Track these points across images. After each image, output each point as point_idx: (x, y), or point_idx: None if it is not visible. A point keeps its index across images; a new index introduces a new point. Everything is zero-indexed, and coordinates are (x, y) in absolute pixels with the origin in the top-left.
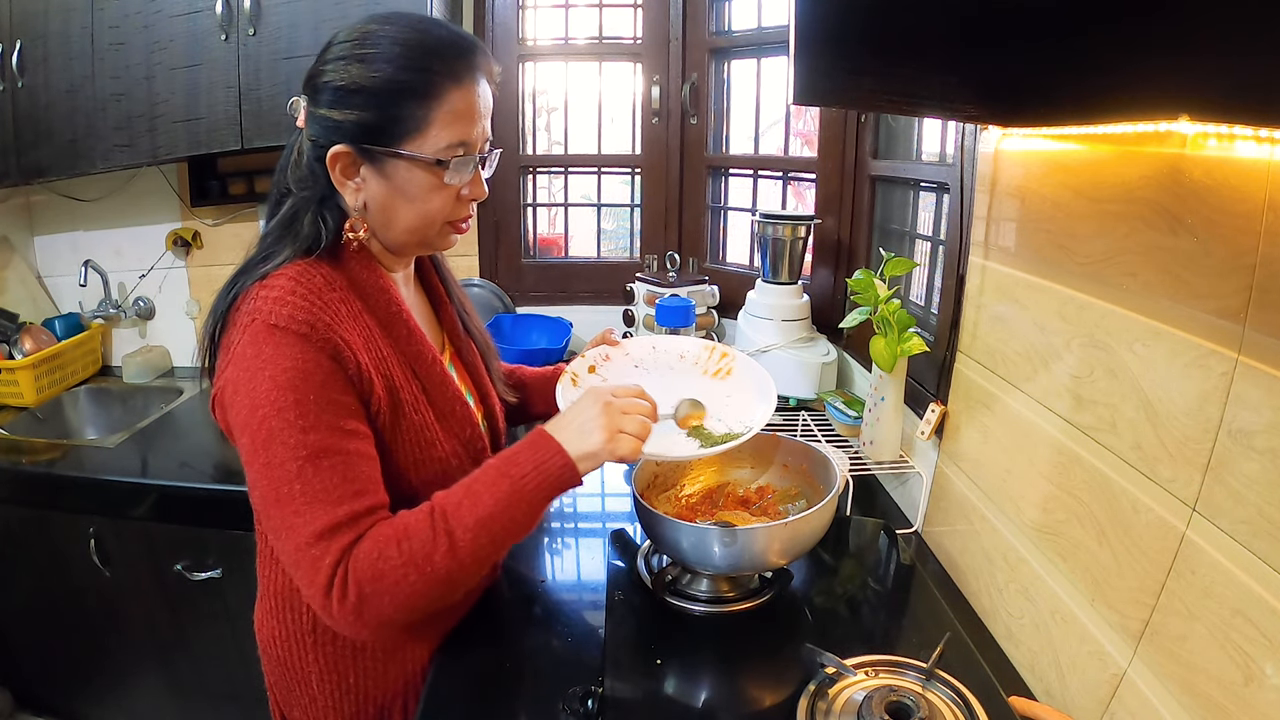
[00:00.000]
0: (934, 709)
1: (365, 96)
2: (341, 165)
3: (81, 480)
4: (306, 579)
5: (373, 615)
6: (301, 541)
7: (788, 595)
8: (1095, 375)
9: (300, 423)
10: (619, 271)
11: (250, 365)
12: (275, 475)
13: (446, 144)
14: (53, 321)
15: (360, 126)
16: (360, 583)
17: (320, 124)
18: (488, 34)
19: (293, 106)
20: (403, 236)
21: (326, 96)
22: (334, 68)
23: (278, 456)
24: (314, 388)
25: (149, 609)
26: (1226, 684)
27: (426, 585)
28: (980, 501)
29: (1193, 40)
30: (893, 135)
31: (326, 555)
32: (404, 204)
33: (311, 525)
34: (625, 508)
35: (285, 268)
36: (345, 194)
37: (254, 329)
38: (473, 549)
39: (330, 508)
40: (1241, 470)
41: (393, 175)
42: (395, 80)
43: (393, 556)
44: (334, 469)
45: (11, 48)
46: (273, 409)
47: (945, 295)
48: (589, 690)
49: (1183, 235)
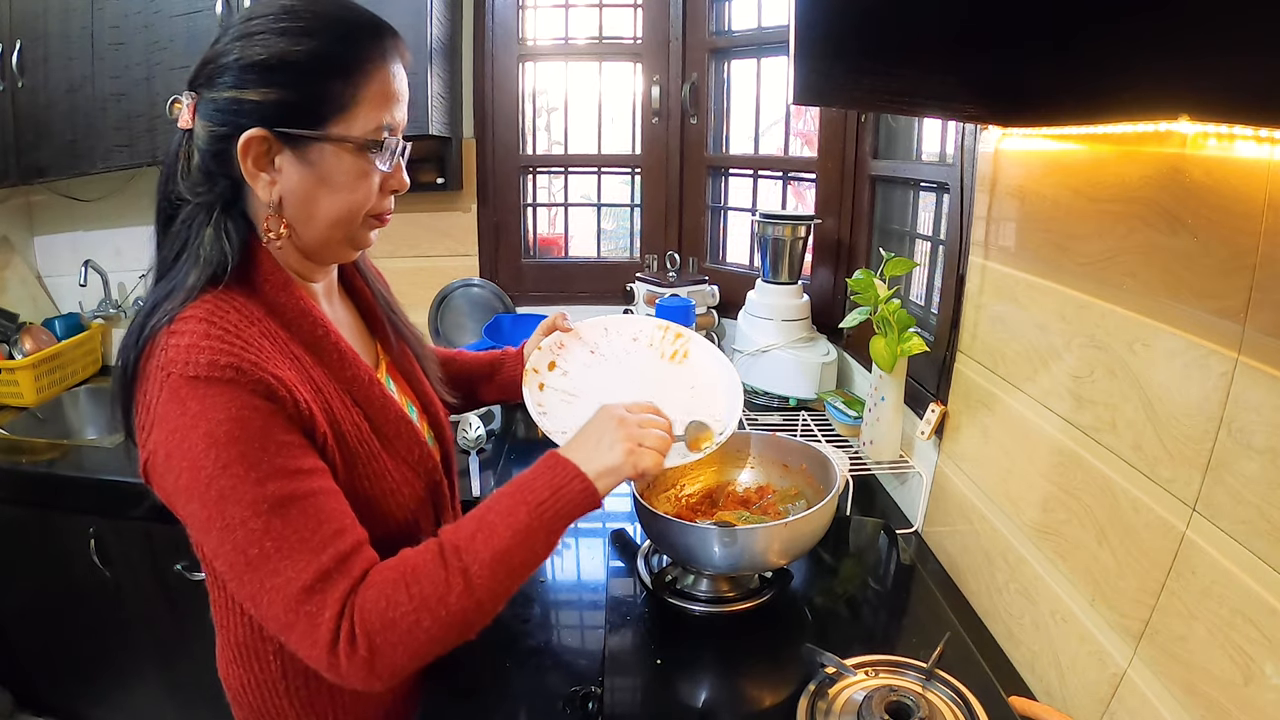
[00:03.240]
0: (934, 709)
1: (287, 73)
2: (255, 154)
3: (81, 480)
4: (305, 639)
5: (386, 667)
6: (291, 601)
7: (788, 595)
8: (1095, 375)
9: (252, 475)
10: (619, 271)
11: (178, 426)
12: (240, 538)
13: (375, 125)
14: (53, 321)
15: (280, 107)
16: (370, 634)
17: (224, 111)
18: (488, 34)
19: (172, 107)
20: (325, 232)
21: (233, 76)
22: (244, 44)
23: (236, 517)
24: (255, 434)
25: (149, 609)
26: (1226, 684)
27: (443, 630)
28: (980, 501)
29: (1193, 40)
30: (893, 135)
31: (325, 609)
32: (328, 194)
33: (298, 580)
34: (625, 508)
35: (192, 306)
36: (258, 188)
37: (171, 384)
38: (490, 586)
39: (312, 556)
40: (1241, 470)
41: (317, 162)
42: (321, 54)
43: (403, 602)
44: (303, 514)
45: (11, 48)
46: (217, 467)
47: (945, 295)
48: (589, 690)
49: (1183, 235)
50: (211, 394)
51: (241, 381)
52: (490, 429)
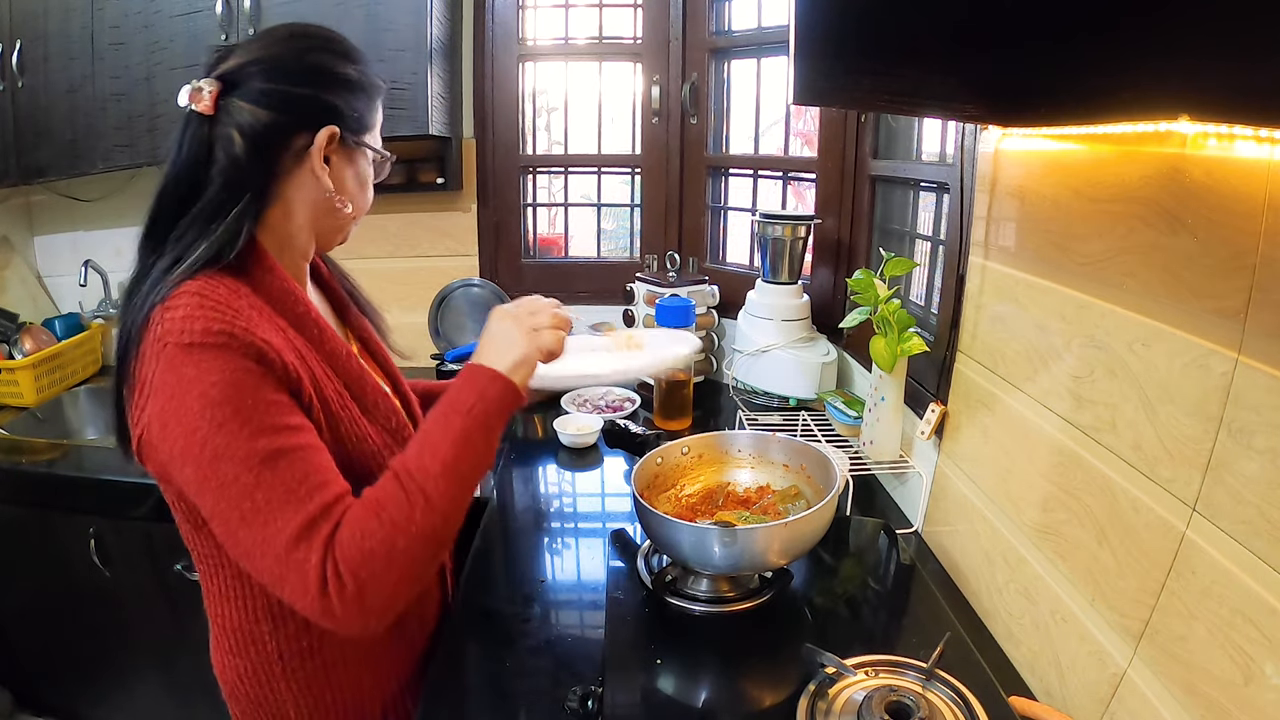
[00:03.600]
0: (934, 709)
1: (344, 86)
2: (328, 147)
3: (81, 480)
4: (297, 588)
5: (375, 599)
6: (281, 550)
7: (788, 595)
8: (1095, 375)
9: (244, 432)
10: (619, 271)
11: (173, 392)
12: (233, 493)
13: (381, 142)
14: (53, 321)
15: (340, 112)
16: (354, 569)
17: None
18: (488, 34)
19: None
20: (345, 222)
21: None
22: (302, 53)
23: (230, 473)
24: (248, 394)
25: (149, 609)
26: (1226, 684)
27: (416, 547)
28: (980, 501)
29: (1193, 40)
30: (893, 135)
31: (311, 554)
32: (359, 191)
33: (286, 530)
34: (625, 508)
35: (186, 285)
36: (321, 176)
37: (167, 354)
38: (448, 496)
39: (299, 506)
40: (1241, 470)
41: (358, 162)
42: (364, 78)
43: (374, 532)
44: (291, 468)
45: (11, 48)
46: (212, 427)
47: (945, 295)
48: (589, 690)
49: (1183, 235)
50: (206, 359)
51: (234, 346)
52: None
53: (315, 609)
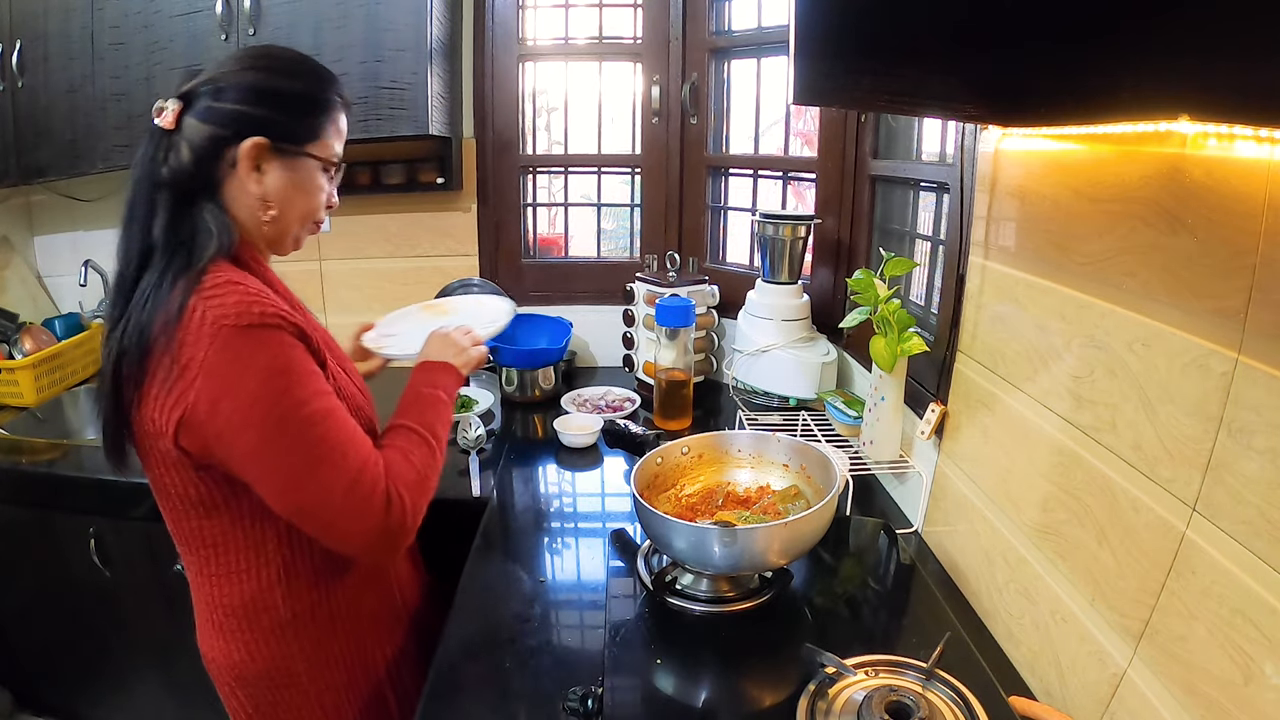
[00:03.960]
0: (934, 709)
1: (283, 100)
2: (254, 155)
3: (81, 480)
4: (363, 511)
5: (416, 517)
6: (349, 481)
7: (788, 595)
8: (1095, 375)
9: (302, 396)
10: (619, 271)
11: (229, 371)
12: (302, 449)
13: (333, 151)
14: (53, 321)
15: (273, 123)
16: (409, 490)
17: (227, 118)
18: (488, 34)
19: (161, 109)
20: (290, 226)
21: (237, 94)
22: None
23: (296, 434)
24: (298, 365)
25: (149, 609)
26: (1226, 684)
27: (434, 478)
28: (980, 501)
29: (1192, 40)
30: (893, 135)
31: (378, 481)
32: (301, 196)
33: (353, 463)
34: (625, 508)
35: (214, 273)
36: (249, 183)
37: (224, 335)
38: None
39: (357, 447)
40: (1241, 470)
41: (297, 169)
42: (309, 92)
43: (417, 464)
44: (339, 422)
45: (11, 48)
46: (274, 398)
47: (945, 295)
48: (589, 690)
49: (1183, 235)
50: (264, 337)
51: (285, 327)
52: (490, 429)
53: (375, 527)
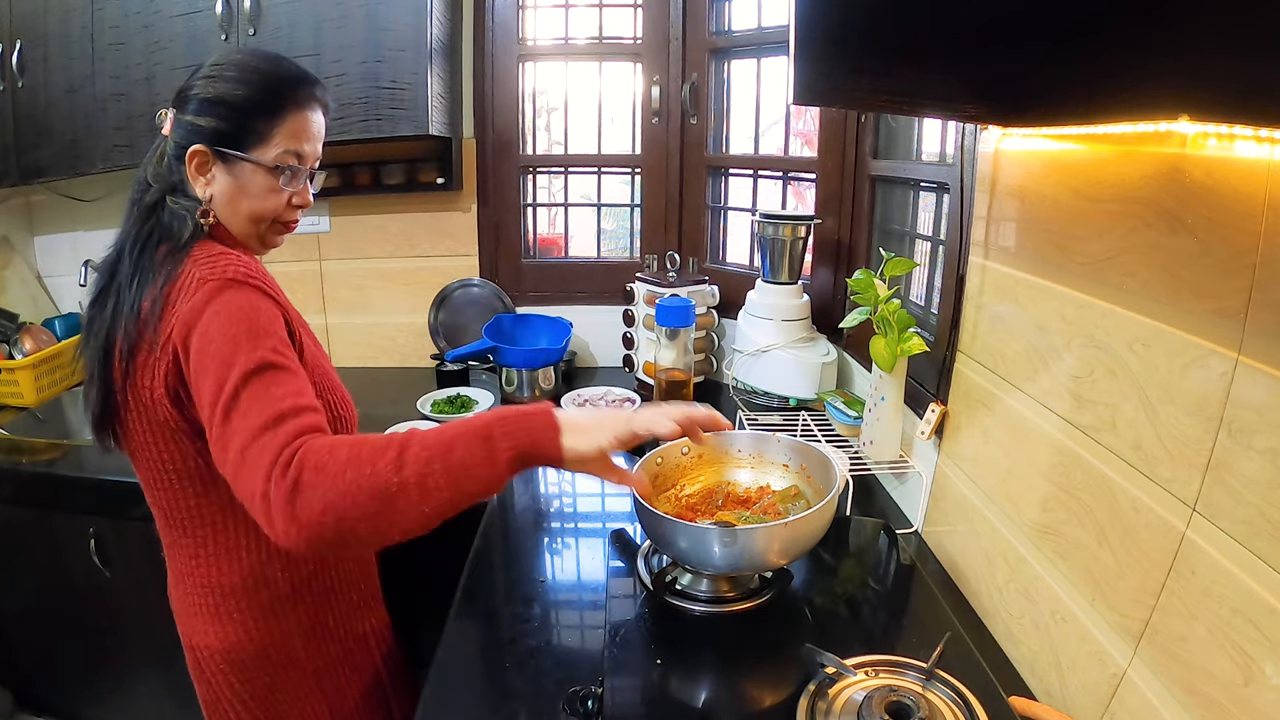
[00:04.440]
0: (934, 709)
1: (225, 108)
2: (197, 162)
3: (81, 480)
4: (253, 469)
5: (304, 508)
6: (249, 436)
7: (788, 595)
8: (1095, 375)
9: (249, 344)
10: (619, 271)
11: (203, 311)
12: (228, 389)
13: (283, 151)
14: (53, 321)
15: (216, 132)
16: (302, 469)
17: (185, 128)
18: (488, 34)
19: (160, 117)
20: (244, 225)
21: (194, 105)
22: (203, 84)
23: (227, 377)
24: (263, 320)
25: (149, 609)
26: (1226, 684)
27: (360, 492)
28: (980, 501)
29: (1193, 40)
30: (893, 135)
31: (274, 439)
32: (245, 199)
33: (261, 417)
34: (625, 508)
35: (207, 246)
36: (196, 186)
37: (209, 286)
38: (419, 468)
39: (276, 404)
40: (1241, 470)
41: (238, 174)
42: (251, 99)
43: (341, 454)
44: (278, 379)
45: (11, 48)
46: (224, 338)
47: (945, 295)
48: (589, 690)
49: (1183, 235)
50: (240, 291)
51: (267, 293)
52: None
53: (257, 491)
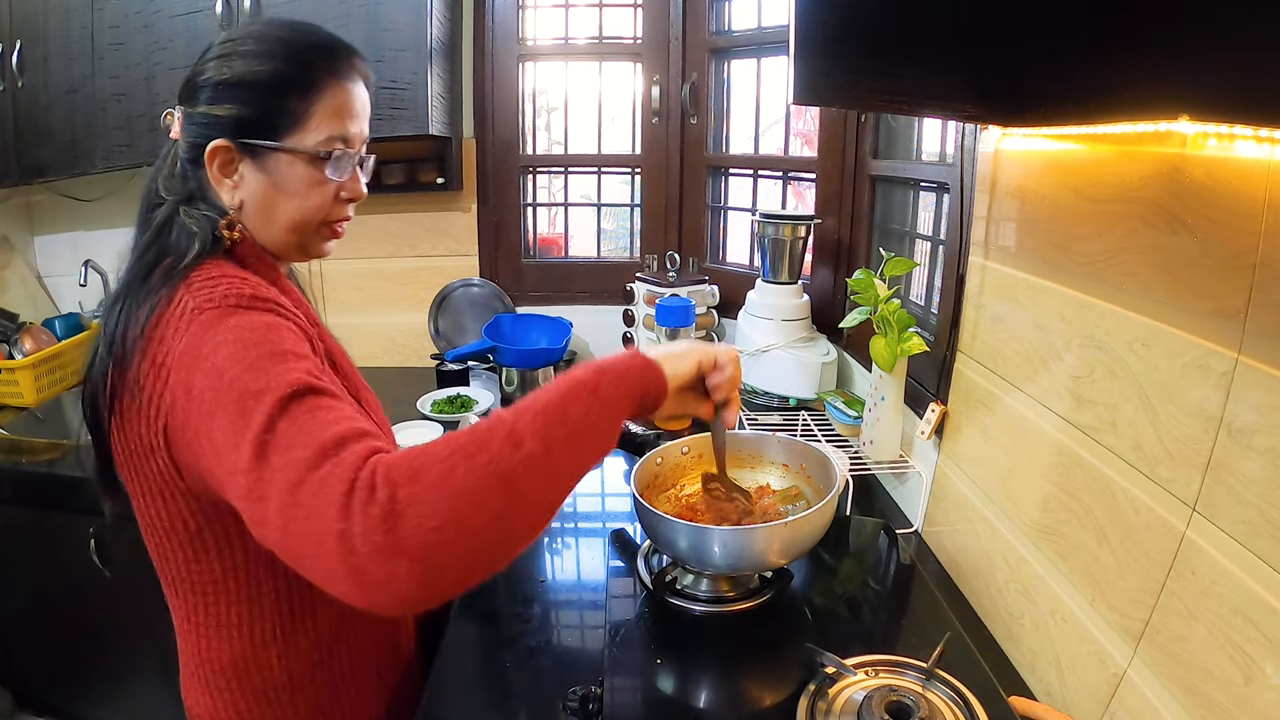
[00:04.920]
0: (934, 709)
1: (246, 90)
2: (220, 161)
3: (81, 480)
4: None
5: (410, 531)
6: (301, 470)
7: (788, 595)
8: (1095, 375)
9: (275, 366)
10: (619, 271)
11: (203, 348)
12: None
13: (326, 137)
14: (53, 321)
15: (240, 121)
16: (394, 482)
17: (198, 123)
18: (488, 34)
19: (165, 119)
20: (282, 236)
21: (206, 94)
22: (216, 65)
23: (254, 409)
24: (286, 341)
25: (149, 609)
26: (1226, 684)
27: (479, 479)
28: (980, 501)
29: (1193, 40)
30: (893, 135)
31: (338, 466)
32: (283, 200)
33: (309, 449)
34: (625, 508)
35: (207, 265)
36: (222, 191)
37: (206, 316)
38: (539, 432)
39: (330, 426)
40: (1241, 470)
41: (273, 170)
42: (277, 73)
43: (436, 451)
44: (326, 405)
45: (11, 48)
46: (241, 367)
47: (945, 295)
48: (589, 690)
49: (1183, 235)
50: (250, 314)
51: (280, 312)
52: None
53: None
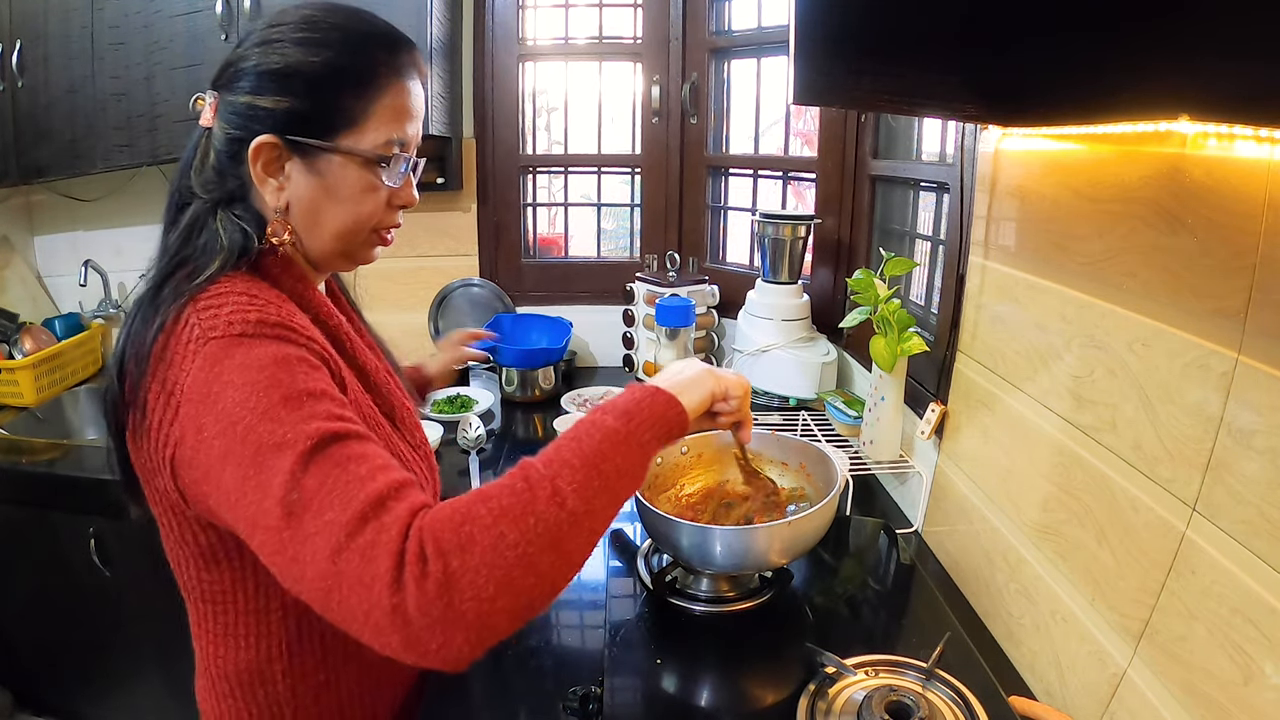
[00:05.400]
0: (934, 709)
1: (301, 81)
2: (265, 159)
3: (81, 480)
4: (360, 577)
5: (468, 600)
6: (340, 536)
7: (788, 595)
8: (1095, 375)
9: (293, 416)
10: (619, 271)
11: (210, 390)
12: (279, 485)
13: (385, 140)
14: (53, 321)
15: (291, 115)
16: (445, 553)
17: (239, 114)
18: (488, 34)
19: (195, 104)
20: (329, 243)
21: (251, 81)
22: (264, 51)
23: (274, 464)
24: (300, 378)
25: (149, 609)
26: (1226, 684)
27: (531, 544)
28: (980, 501)
29: (1193, 40)
30: (893, 135)
31: (382, 533)
32: (333, 205)
33: (347, 511)
34: (625, 508)
35: (220, 282)
36: (266, 192)
37: (210, 349)
38: (581, 491)
39: (361, 486)
40: (1241, 470)
41: (324, 172)
42: (335, 65)
43: (481, 516)
44: (351, 456)
45: (11, 48)
46: (255, 415)
47: (945, 295)
48: (589, 690)
49: (1183, 235)
50: (258, 347)
51: (291, 339)
52: (490, 429)
53: (383, 603)
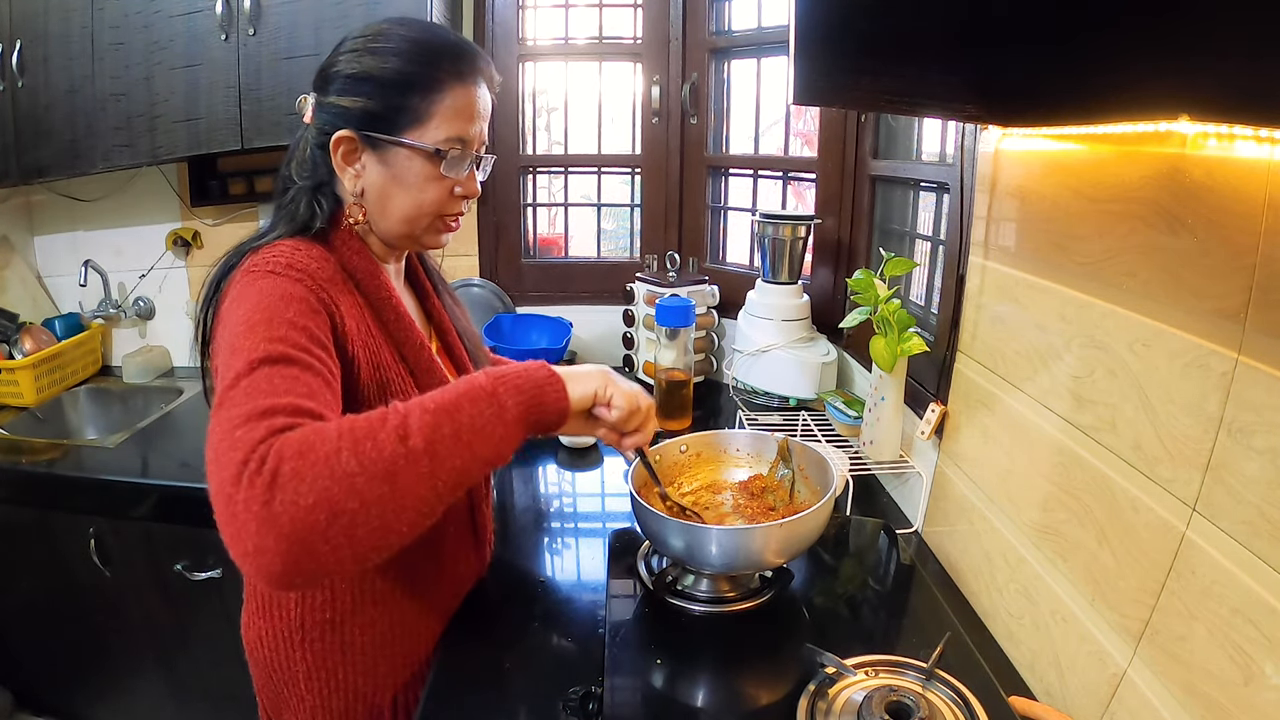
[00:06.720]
0: (934, 709)
1: (374, 85)
2: (344, 150)
3: (81, 480)
4: (222, 466)
5: (284, 505)
6: (227, 428)
7: (788, 595)
8: (1095, 375)
9: (266, 334)
10: (619, 271)
11: (234, 301)
12: (226, 381)
13: (445, 136)
14: (53, 321)
15: (366, 113)
16: (280, 459)
17: (328, 112)
18: (488, 34)
19: (300, 103)
20: (396, 225)
21: (337, 85)
22: (347, 59)
23: (232, 365)
24: (293, 309)
25: (149, 609)
26: (1226, 684)
27: (362, 468)
28: (980, 501)
29: (1193, 40)
30: (893, 135)
31: (252, 432)
32: (400, 191)
33: (241, 411)
34: (625, 508)
35: (279, 241)
36: (345, 179)
37: (246, 278)
38: (426, 434)
39: (272, 396)
40: (1241, 470)
41: (392, 162)
42: (403, 72)
43: (328, 438)
44: (282, 375)
45: (11, 48)
46: (242, 326)
47: (945, 295)
48: (589, 690)
49: (1183, 235)
50: (277, 281)
51: (307, 283)
52: None
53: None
